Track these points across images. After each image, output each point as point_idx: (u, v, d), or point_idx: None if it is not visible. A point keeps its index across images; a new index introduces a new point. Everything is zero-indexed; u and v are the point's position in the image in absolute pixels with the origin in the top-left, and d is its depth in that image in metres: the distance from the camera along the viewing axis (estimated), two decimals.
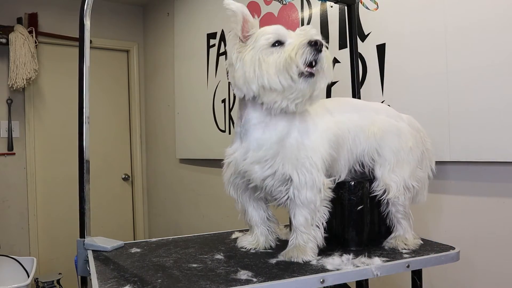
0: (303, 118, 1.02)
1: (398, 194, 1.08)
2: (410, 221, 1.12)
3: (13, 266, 2.62)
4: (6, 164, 3.28)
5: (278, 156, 0.98)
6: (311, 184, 0.97)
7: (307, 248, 0.99)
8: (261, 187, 1.02)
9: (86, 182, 1.11)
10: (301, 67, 0.90)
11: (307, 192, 0.97)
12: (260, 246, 1.11)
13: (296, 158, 0.97)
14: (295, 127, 1.00)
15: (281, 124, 0.99)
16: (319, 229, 1.00)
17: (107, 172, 3.74)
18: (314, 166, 0.98)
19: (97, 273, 0.91)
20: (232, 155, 1.04)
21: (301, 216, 0.99)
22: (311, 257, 0.97)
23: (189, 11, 3.10)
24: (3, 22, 3.15)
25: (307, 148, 0.99)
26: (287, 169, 0.97)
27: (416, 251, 1.05)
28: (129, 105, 3.95)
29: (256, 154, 0.99)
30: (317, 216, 0.99)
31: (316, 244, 1.00)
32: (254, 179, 1.01)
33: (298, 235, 1.00)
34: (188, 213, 3.29)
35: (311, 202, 0.98)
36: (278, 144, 0.98)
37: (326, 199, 1.01)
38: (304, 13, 2.07)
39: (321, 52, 0.91)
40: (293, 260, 0.97)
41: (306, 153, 0.98)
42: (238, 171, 1.03)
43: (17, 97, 3.32)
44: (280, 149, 0.98)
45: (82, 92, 1.12)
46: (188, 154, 3.16)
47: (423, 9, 1.52)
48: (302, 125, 1.01)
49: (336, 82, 1.89)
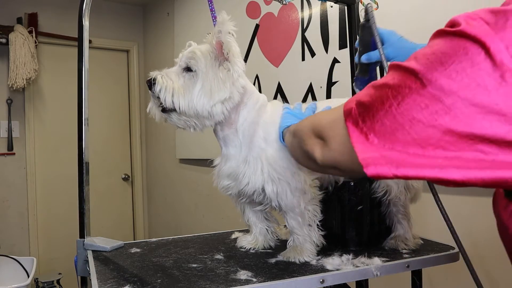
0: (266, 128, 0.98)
1: (399, 194, 1.07)
2: (411, 221, 1.12)
3: (13, 266, 2.62)
4: (6, 164, 3.28)
5: (246, 171, 0.96)
6: (288, 190, 0.95)
7: (303, 249, 0.98)
8: (244, 196, 1.01)
9: (86, 183, 1.11)
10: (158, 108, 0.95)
11: (287, 198, 0.95)
12: (259, 246, 1.11)
13: (262, 170, 0.94)
14: (259, 137, 0.97)
15: (237, 139, 0.98)
16: (313, 229, 0.99)
17: (107, 172, 3.74)
18: (285, 172, 0.94)
19: (96, 273, 0.91)
20: (216, 166, 1.05)
21: (291, 219, 0.99)
22: (309, 257, 0.97)
23: (189, 11, 3.10)
24: (3, 22, 3.15)
25: (273, 157, 0.95)
26: (256, 182, 0.95)
27: (416, 251, 1.05)
28: (129, 105, 3.95)
29: (226, 169, 0.99)
30: (306, 217, 0.98)
31: (314, 244, 0.99)
32: (232, 191, 1.00)
33: (294, 237, 1.00)
34: (188, 213, 3.29)
35: (295, 206, 0.96)
36: (243, 158, 0.97)
37: (314, 198, 0.99)
38: (304, 13, 2.08)
39: (154, 89, 0.92)
40: (291, 260, 0.97)
41: (273, 162, 0.94)
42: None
43: (17, 97, 3.32)
44: (245, 163, 0.96)
45: (81, 94, 1.11)
46: (188, 154, 3.16)
47: (423, 8, 1.52)
48: (266, 133, 0.97)
49: (336, 82, 1.89)
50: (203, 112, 0.90)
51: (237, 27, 0.94)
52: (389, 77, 0.55)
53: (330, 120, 0.65)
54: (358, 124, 0.56)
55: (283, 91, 2.23)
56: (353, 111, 0.58)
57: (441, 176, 0.50)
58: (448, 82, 0.47)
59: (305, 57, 2.08)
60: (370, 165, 0.54)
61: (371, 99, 0.55)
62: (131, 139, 3.96)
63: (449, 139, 0.48)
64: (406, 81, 0.51)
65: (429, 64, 0.49)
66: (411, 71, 0.51)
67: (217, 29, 0.91)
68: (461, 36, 0.47)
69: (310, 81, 2.03)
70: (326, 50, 1.94)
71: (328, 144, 0.64)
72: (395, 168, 0.52)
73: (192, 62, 0.92)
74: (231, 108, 0.93)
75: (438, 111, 0.48)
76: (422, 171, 0.50)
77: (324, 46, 1.96)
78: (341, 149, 0.61)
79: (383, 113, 0.53)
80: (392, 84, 0.53)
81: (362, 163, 0.55)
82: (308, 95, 2.05)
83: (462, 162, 0.48)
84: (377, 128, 0.54)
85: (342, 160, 0.61)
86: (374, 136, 0.54)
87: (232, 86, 0.91)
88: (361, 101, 0.57)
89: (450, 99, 0.47)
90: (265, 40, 2.37)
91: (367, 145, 0.55)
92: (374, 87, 0.56)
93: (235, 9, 2.53)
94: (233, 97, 0.92)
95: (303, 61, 2.09)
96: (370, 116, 0.55)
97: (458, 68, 0.47)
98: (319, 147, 0.67)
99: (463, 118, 0.46)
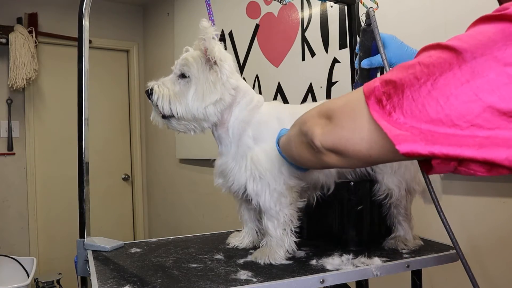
0: (257, 127, 1.01)
1: (400, 198, 1.07)
2: (411, 223, 1.11)
3: (13, 266, 2.63)
4: (6, 164, 3.28)
5: (233, 168, 1.00)
6: (268, 191, 0.97)
7: (273, 252, 0.98)
8: (233, 193, 1.05)
9: (86, 183, 1.11)
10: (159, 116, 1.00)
11: (265, 198, 0.97)
12: (246, 244, 1.12)
13: (245, 168, 0.98)
14: (247, 136, 1.01)
15: (228, 137, 1.02)
16: (287, 233, 0.99)
17: (107, 172, 3.74)
18: (266, 173, 0.96)
19: (96, 273, 0.91)
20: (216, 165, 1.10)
21: (267, 220, 0.99)
22: (275, 261, 0.96)
23: (189, 11, 3.10)
24: (3, 22, 3.15)
25: (258, 156, 0.98)
26: (240, 180, 0.99)
27: (416, 251, 1.05)
28: (129, 105, 3.95)
29: (218, 167, 1.05)
30: (282, 220, 0.98)
31: (284, 249, 0.98)
32: (224, 188, 1.05)
33: (267, 238, 1.00)
34: (188, 213, 3.29)
35: (271, 207, 0.97)
36: (232, 156, 1.01)
37: (293, 203, 0.99)
38: (304, 13, 2.08)
39: (152, 98, 0.97)
40: (258, 261, 0.97)
41: (257, 161, 0.97)
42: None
43: (17, 97, 3.32)
44: (233, 160, 1.01)
45: (81, 94, 1.11)
46: (188, 154, 3.16)
47: (424, 8, 1.52)
48: (256, 132, 1.01)
49: (336, 82, 1.89)
50: (198, 115, 0.95)
51: (237, 27, 0.95)
52: (424, 56, 0.52)
53: (345, 101, 0.60)
54: (382, 102, 0.53)
55: (283, 91, 2.23)
56: (376, 89, 0.54)
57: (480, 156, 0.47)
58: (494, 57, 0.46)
59: (305, 57, 2.08)
60: (402, 142, 0.51)
61: (402, 76, 0.52)
62: (131, 139, 3.96)
63: (488, 116, 0.46)
64: (446, 57, 0.49)
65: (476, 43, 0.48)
66: (452, 48, 0.49)
67: (200, 37, 0.95)
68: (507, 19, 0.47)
69: (310, 81, 2.03)
70: (326, 50, 1.95)
71: (335, 122, 0.59)
72: (431, 144, 0.49)
73: (185, 68, 0.96)
74: (223, 109, 0.97)
75: (480, 86, 0.46)
76: (461, 149, 0.48)
77: (324, 46, 1.96)
78: (353, 126, 0.56)
79: (416, 88, 0.50)
80: (429, 62, 0.50)
81: (393, 140, 0.51)
82: (308, 95, 2.05)
83: (500, 140, 0.46)
84: (406, 104, 0.51)
85: (352, 139, 0.57)
86: (401, 114, 0.51)
87: (222, 87, 0.95)
88: (390, 79, 0.54)
89: (494, 73, 0.46)
90: (265, 40, 2.37)
91: (392, 123, 0.51)
92: (404, 66, 0.53)
93: (235, 9, 2.53)
94: (224, 98, 0.96)
95: (303, 61, 2.09)
96: (399, 92, 0.52)
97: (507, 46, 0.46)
98: (321, 127, 0.62)
99: (506, 94, 0.45)
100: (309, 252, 1.05)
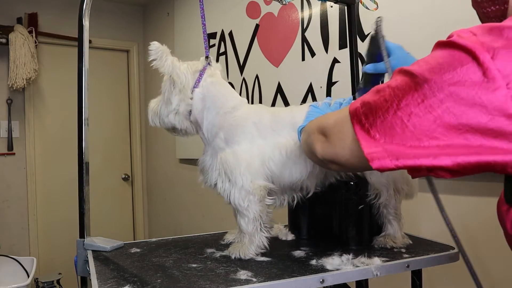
0: (229, 130, 1.07)
1: (389, 197, 1.09)
2: (401, 221, 1.13)
3: (13, 266, 2.63)
4: (6, 164, 3.28)
5: (207, 168, 1.09)
6: (236, 189, 1.02)
7: (244, 247, 1.02)
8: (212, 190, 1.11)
9: (86, 183, 1.11)
10: None
11: (234, 196, 1.02)
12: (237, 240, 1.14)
13: (215, 167, 1.06)
14: (219, 138, 1.07)
15: (205, 139, 1.12)
16: (256, 229, 1.02)
17: (107, 172, 3.74)
18: (233, 171, 1.02)
19: (96, 273, 0.91)
20: None
21: (240, 216, 1.04)
22: (244, 256, 1.00)
23: (189, 11, 3.10)
24: (3, 22, 3.16)
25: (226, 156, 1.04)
26: (212, 178, 1.07)
27: (416, 251, 1.05)
28: (129, 105, 3.95)
29: (199, 165, 1.13)
30: (252, 216, 1.02)
31: (255, 244, 1.02)
32: (203, 185, 1.12)
33: (241, 234, 1.06)
34: (188, 213, 3.29)
35: (240, 205, 1.02)
36: (209, 156, 1.10)
37: (261, 200, 1.02)
38: (304, 13, 2.08)
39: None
40: (230, 255, 1.02)
41: (225, 161, 1.03)
42: None
43: (17, 97, 3.32)
44: (208, 160, 1.10)
45: (81, 94, 1.11)
46: (188, 154, 3.16)
47: (424, 8, 1.52)
48: (228, 135, 1.06)
49: (336, 82, 1.89)
50: (167, 124, 1.09)
51: (237, 27, 0.95)
52: (393, 80, 0.62)
53: (335, 119, 0.71)
54: (361, 121, 0.63)
55: (283, 91, 2.23)
56: (357, 110, 0.64)
57: (434, 163, 0.56)
58: (441, 80, 0.55)
59: (305, 57, 2.08)
60: (374, 159, 0.60)
61: (375, 98, 0.62)
62: (131, 139, 3.96)
63: (441, 130, 0.55)
64: (407, 81, 0.59)
65: (428, 67, 0.57)
66: (411, 73, 0.59)
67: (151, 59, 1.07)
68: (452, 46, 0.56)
69: (310, 81, 2.03)
70: (326, 50, 1.95)
71: (329, 140, 0.70)
72: (395, 159, 0.59)
73: (162, 85, 1.10)
74: (186, 115, 1.08)
75: (432, 105, 0.55)
76: (418, 160, 0.57)
77: (324, 46, 1.96)
78: (342, 145, 0.67)
79: (385, 110, 0.60)
80: (395, 85, 0.60)
81: (367, 157, 0.60)
82: (308, 95, 2.05)
83: (452, 149, 0.55)
84: (379, 124, 0.60)
85: (343, 155, 0.67)
86: (376, 132, 0.60)
87: (176, 99, 1.06)
88: (366, 101, 0.63)
89: (442, 93, 0.55)
90: (265, 40, 2.37)
91: (370, 141, 0.61)
92: (378, 89, 0.63)
93: (235, 9, 2.53)
94: (180, 108, 1.06)
95: (303, 61, 2.09)
96: (373, 113, 0.61)
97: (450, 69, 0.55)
98: (320, 143, 0.73)
99: (453, 110, 0.54)
100: (309, 252, 1.05)
